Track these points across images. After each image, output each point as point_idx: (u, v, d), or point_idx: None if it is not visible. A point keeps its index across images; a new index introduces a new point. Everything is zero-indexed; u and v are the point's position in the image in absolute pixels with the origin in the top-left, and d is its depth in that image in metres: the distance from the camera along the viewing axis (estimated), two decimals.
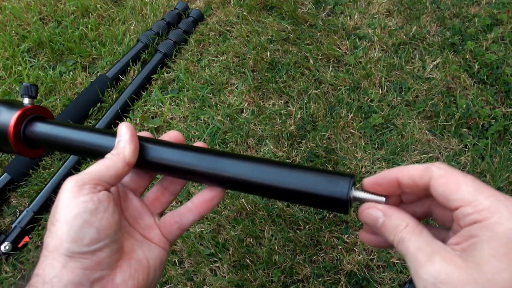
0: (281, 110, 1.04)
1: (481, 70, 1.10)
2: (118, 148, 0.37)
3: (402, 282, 0.80)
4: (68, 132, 0.42)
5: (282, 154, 0.96)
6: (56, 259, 0.31)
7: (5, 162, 0.99)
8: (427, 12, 1.25)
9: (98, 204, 0.33)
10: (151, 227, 0.40)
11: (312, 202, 0.34)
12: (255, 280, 0.81)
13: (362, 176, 0.93)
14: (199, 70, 1.15)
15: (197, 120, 1.04)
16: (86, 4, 1.30)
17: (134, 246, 0.37)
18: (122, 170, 0.36)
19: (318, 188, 0.33)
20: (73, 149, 0.42)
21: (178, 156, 0.38)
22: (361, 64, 1.13)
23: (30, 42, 1.20)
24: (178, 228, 0.40)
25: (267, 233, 0.86)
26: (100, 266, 0.32)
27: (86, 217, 0.32)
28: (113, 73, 1.13)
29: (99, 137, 0.41)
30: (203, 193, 0.40)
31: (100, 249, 0.32)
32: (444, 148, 0.98)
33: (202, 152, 0.38)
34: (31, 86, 0.46)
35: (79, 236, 0.31)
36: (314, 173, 0.34)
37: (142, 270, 0.36)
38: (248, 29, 1.22)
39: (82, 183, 0.33)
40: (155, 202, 0.42)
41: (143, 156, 0.38)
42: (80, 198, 0.32)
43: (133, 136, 0.37)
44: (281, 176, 0.35)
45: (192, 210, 0.40)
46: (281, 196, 0.36)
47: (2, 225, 0.92)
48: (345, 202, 0.32)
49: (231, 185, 0.38)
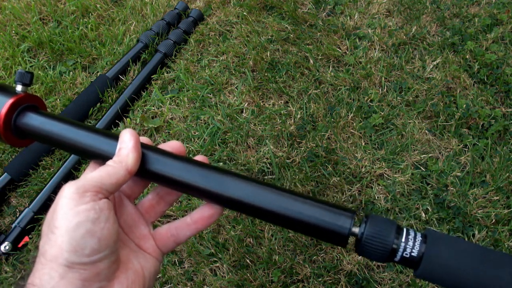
0: (281, 110, 1.04)
1: (481, 70, 1.10)
2: (121, 155, 0.35)
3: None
4: (63, 128, 0.41)
5: (282, 154, 0.96)
6: (54, 269, 0.30)
7: (5, 162, 0.99)
8: (427, 12, 1.25)
9: (100, 213, 0.31)
10: (146, 237, 0.39)
11: (313, 233, 0.35)
12: (255, 280, 0.81)
13: (362, 176, 0.93)
14: (199, 70, 1.15)
15: (197, 120, 1.04)
16: (86, 4, 1.30)
17: (130, 256, 0.36)
18: (123, 178, 0.35)
19: (320, 220, 0.34)
20: (67, 146, 0.41)
21: (181, 170, 0.37)
22: (361, 64, 1.13)
23: (30, 42, 1.20)
24: (173, 242, 0.40)
25: (267, 233, 0.86)
26: (99, 277, 0.32)
27: (88, 226, 0.31)
28: (113, 73, 1.13)
29: (96, 137, 0.39)
30: (202, 209, 0.39)
31: (100, 259, 0.31)
32: (444, 148, 0.98)
33: (205, 168, 0.37)
34: (26, 73, 0.44)
35: (80, 246, 0.30)
36: (318, 205, 0.35)
37: (138, 280, 0.35)
38: (248, 29, 1.22)
39: (84, 190, 0.32)
40: (150, 210, 0.41)
41: (144, 165, 0.37)
42: (81, 206, 0.31)
43: (137, 144, 0.36)
44: (284, 203, 0.35)
45: (190, 226, 0.39)
46: (281, 223, 0.36)
47: (2, 225, 0.92)
48: (345, 237, 0.34)
49: (231, 206, 0.37)
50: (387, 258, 0.33)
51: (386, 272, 0.82)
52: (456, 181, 0.92)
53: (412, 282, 0.81)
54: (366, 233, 0.33)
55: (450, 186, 0.91)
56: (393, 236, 0.32)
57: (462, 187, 0.91)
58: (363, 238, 0.33)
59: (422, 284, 0.81)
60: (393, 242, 0.32)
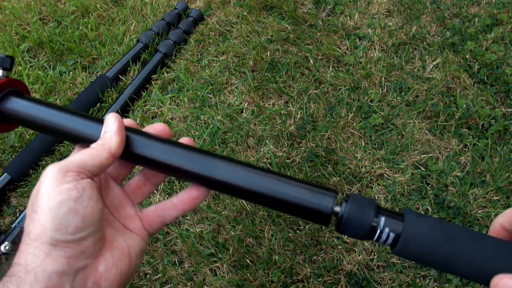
0: (281, 110, 1.04)
1: (481, 70, 1.10)
2: (104, 138, 0.36)
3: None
4: (48, 112, 0.40)
5: (282, 154, 0.96)
6: (39, 248, 0.30)
7: (5, 162, 0.99)
8: (427, 12, 1.25)
9: (83, 192, 0.32)
10: (132, 217, 0.40)
11: (297, 213, 0.36)
12: (255, 280, 0.81)
13: (362, 176, 0.93)
14: (199, 70, 1.15)
15: (197, 120, 1.04)
16: (86, 4, 1.30)
17: (116, 235, 0.37)
18: (106, 161, 0.35)
19: (304, 200, 0.35)
20: (52, 130, 0.40)
21: (167, 153, 0.37)
22: (361, 64, 1.13)
23: (30, 42, 1.20)
24: (160, 222, 0.40)
25: (267, 233, 0.86)
26: (84, 255, 0.32)
27: (70, 204, 0.31)
28: (113, 73, 1.13)
29: (81, 122, 0.39)
30: (189, 190, 0.40)
31: (84, 237, 0.32)
32: (444, 148, 0.98)
33: (191, 151, 0.38)
34: (6, 57, 0.43)
35: (64, 224, 0.31)
36: (302, 185, 0.36)
37: (124, 259, 0.36)
38: (248, 29, 1.22)
39: (66, 170, 0.32)
40: (136, 191, 0.41)
41: (129, 147, 0.38)
42: (64, 186, 0.31)
43: (121, 127, 0.37)
44: (269, 184, 0.36)
45: (177, 207, 0.40)
46: (266, 203, 0.37)
47: (2, 225, 0.92)
48: (328, 216, 0.35)
49: (217, 188, 0.38)
50: (366, 236, 0.34)
51: (386, 272, 0.82)
52: (456, 181, 0.92)
53: (412, 282, 0.81)
54: (347, 211, 0.34)
55: (450, 186, 0.91)
56: (372, 215, 0.34)
57: (462, 187, 0.91)
58: (343, 216, 0.34)
59: (422, 284, 0.81)
60: (372, 221, 0.34)
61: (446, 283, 0.81)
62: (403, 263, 0.83)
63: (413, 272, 0.82)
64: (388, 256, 0.83)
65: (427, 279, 0.81)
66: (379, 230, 0.34)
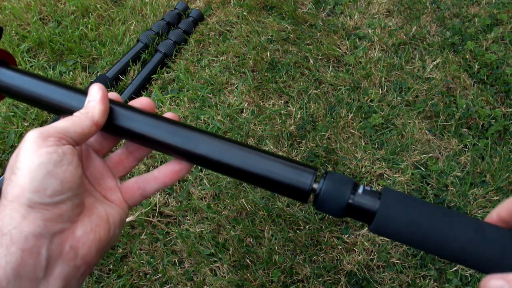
0: (281, 110, 1.04)
1: (481, 70, 1.10)
2: (88, 107, 0.36)
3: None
4: (33, 83, 0.40)
5: (282, 154, 0.96)
6: (16, 210, 0.30)
7: (5, 162, 0.99)
8: (427, 12, 1.25)
9: (63, 156, 0.32)
10: (112, 189, 0.40)
11: (277, 189, 0.36)
12: (255, 280, 0.81)
13: (362, 176, 0.93)
14: (199, 70, 1.15)
15: (197, 120, 1.04)
16: (86, 4, 1.30)
17: (95, 204, 0.37)
18: (89, 129, 0.35)
19: (284, 177, 0.35)
20: (37, 101, 0.40)
21: (150, 126, 0.38)
22: (361, 64, 1.13)
23: (30, 42, 1.20)
24: (140, 195, 0.40)
25: (267, 233, 0.86)
26: (61, 218, 0.32)
27: (50, 167, 0.31)
28: (113, 73, 1.13)
29: (66, 93, 0.39)
30: (170, 164, 0.40)
31: (62, 201, 0.32)
32: (444, 148, 0.98)
33: (174, 125, 0.38)
34: None
35: (42, 186, 0.30)
36: (282, 162, 0.36)
37: (103, 225, 0.36)
38: (248, 29, 1.22)
39: (47, 135, 0.32)
40: (118, 165, 0.41)
41: (112, 120, 0.38)
42: (44, 149, 0.31)
43: (104, 97, 0.37)
44: (250, 160, 0.36)
45: (158, 180, 0.40)
46: (246, 179, 0.37)
47: None
48: (307, 193, 0.35)
49: (200, 163, 0.38)
50: (343, 213, 0.34)
51: (386, 272, 0.82)
52: (456, 181, 0.92)
53: (412, 282, 0.81)
54: (324, 188, 0.34)
55: (450, 186, 0.91)
56: (349, 192, 0.34)
57: (462, 187, 0.91)
58: (320, 193, 0.34)
59: (422, 284, 0.81)
60: (348, 198, 0.34)
61: (446, 283, 0.81)
62: (403, 263, 0.83)
63: (413, 272, 0.82)
64: (388, 256, 0.83)
65: (427, 279, 0.81)
66: (355, 207, 0.34)
